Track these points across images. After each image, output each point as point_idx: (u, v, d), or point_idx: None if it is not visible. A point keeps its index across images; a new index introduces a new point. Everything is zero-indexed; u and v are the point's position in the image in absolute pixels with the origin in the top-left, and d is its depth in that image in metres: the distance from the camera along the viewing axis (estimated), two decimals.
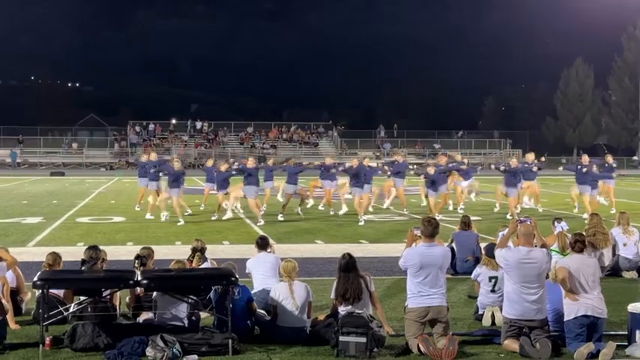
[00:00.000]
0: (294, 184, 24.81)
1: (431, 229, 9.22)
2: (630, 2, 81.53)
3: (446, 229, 17.64)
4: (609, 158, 27.21)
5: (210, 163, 28.13)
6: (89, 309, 9.33)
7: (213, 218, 23.55)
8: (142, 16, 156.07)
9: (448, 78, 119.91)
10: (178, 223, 21.95)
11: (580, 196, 24.52)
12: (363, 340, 8.67)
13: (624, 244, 14.50)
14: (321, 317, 9.85)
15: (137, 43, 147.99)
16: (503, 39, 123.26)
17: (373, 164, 24.57)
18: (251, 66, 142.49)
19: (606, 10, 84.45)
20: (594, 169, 24.48)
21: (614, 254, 14.36)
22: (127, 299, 10.41)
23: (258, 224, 22.05)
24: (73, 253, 13.94)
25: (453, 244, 14.41)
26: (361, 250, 16.81)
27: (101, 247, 10.94)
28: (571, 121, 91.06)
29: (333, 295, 9.57)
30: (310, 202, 27.20)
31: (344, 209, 25.35)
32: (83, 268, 10.13)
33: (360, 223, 22.34)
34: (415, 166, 29.93)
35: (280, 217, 23.43)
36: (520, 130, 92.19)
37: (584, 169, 24.24)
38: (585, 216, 23.13)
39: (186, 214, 23.79)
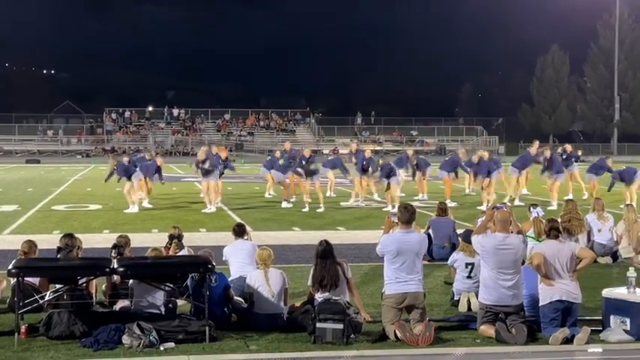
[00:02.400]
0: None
1: (408, 216, 9.26)
2: None
3: (423, 216, 17.71)
4: (568, 147, 27.55)
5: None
6: (65, 297, 9.26)
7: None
8: (118, 2, 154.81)
9: (425, 65, 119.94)
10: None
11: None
12: (340, 326, 8.69)
13: (599, 230, 14.67)
14: (298, 304, 9.87)
15: (113, 29, 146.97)
16: (480, 26, 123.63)
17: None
18: (228, 53, 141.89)
19: None
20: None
21: (589, 240, 14.50)
22: (104, 287, 10.37)
23: (207, 210, 22.33)
24: (49, 241, 13.86)
25: (430, 231, 14.46)
26: (338, 236, 16.82)
27: (77, 235, 10.89)
28: (547, 108, 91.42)
29: (310, 282, 9.58)
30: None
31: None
32: (59, 256, 10.07)
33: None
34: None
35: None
36: (497, 117, 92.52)
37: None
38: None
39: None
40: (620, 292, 9.19)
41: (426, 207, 22.13)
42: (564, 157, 26.43)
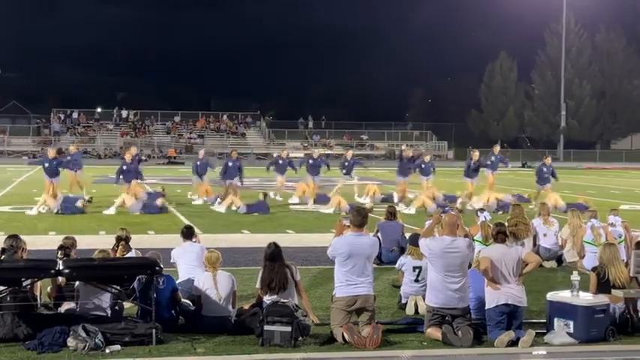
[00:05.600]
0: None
1: (360, 219, 9.30)
2: None
3: (371, 219, 17.77)
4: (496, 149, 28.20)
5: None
6: (8, 299, 9.09)
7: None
8: (68, 1, 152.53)
9: (376, 70, 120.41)
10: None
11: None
12: (288, 329, 8.70)
13: (544, 235, 14.88)
14: (247, 307, 9.85)
15: (63, 28, 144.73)
16: (431, 31, 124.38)
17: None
18: (179, 55, 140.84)
19: (529, 5, 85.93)
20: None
21: (534, 244, 14.69)
22: (49, 289, 10.21)
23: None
24: None
25: (379, 234, 14.51)
26: (288, 239, 16.79)
27: (22, 237, 10.69)
28: (495, 114, 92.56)
29: (258, 285, 9.57)
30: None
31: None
32: (3, 257, 9.89)
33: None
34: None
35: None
36: (446, 123, 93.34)
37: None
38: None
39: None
40: (564, 296, 9.35)
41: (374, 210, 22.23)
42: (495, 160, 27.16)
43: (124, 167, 23.54)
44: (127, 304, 9.80)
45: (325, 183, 28.28)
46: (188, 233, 11.55)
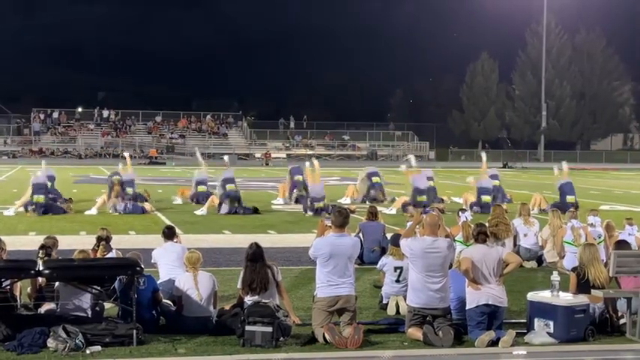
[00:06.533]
0: None
1: (341, 220, 9.31)
2: None
3: (353, 220, 17.78)
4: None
5: None
6: None
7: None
8: None
9: (358, 70, 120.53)
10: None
11: None
12: (269, 329, 8.70)
13: (525, 235, 14.92)
14: (228, 307, 9.83)
15: (43, 27, 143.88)
16: (412, 32, 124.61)
17: None
18: (161, 54, 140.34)
19: (510, 6, 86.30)
20: None
21: (515, 244, 14.74)
22: (29, 289, 10.15)
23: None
24: None
25: (360, 235, 14.52)
26: (269, 240, 16.79)
27: (2, 237, 10.63)
28: (476, 115, 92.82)
29: (239, 285, 9.55)
30: None
31: None
32: None
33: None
34: None
35: None
36: (427, 123, 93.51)
37: None
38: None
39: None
40: (544, 296, 9.39)
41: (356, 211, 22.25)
42: None
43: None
44: (107, 305, 9.77)
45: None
46: (169, 233, 11.53)
